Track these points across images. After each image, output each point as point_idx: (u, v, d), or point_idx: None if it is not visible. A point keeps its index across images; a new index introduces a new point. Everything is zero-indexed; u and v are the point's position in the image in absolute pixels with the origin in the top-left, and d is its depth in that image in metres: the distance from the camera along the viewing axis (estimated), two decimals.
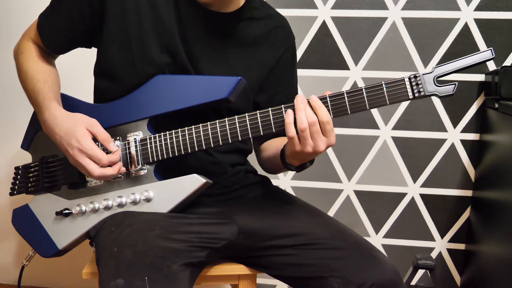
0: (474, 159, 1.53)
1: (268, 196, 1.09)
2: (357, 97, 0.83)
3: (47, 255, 1.01)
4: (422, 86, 0.80)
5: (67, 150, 0.89)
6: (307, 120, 0.81)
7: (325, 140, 0.82)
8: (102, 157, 0.87)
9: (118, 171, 0.89)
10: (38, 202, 1.02)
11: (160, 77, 0.95)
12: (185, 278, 0.80)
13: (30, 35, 1.03)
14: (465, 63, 0.79)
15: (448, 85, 0.80)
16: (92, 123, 0.89)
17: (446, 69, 0.80)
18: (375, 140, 1.56)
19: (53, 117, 0.90)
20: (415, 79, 0.81)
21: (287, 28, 1.10)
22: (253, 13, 1.03)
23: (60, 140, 0.89)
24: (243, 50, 1.02)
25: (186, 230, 0.87)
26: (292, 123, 0.82)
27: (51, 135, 0.91)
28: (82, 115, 0.91)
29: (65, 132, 0.88)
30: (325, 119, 0.81)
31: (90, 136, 0.88)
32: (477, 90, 1.50)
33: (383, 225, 1.62)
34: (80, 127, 0.88)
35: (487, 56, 0.79)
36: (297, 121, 0.81)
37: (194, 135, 0.91)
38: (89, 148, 0.86)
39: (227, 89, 0.90)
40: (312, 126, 0.81)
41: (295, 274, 0.92)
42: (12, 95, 1.64)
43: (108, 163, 0.87)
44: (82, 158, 0.87)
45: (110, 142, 0.90)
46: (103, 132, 0.90)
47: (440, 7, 1.47)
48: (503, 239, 1.30)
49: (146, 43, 0.94)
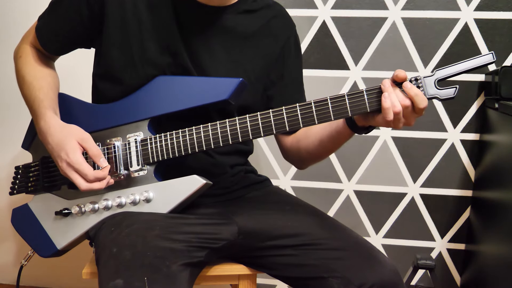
0: (474, 159, 1.53)
1: (268, 196, 1.08)
2: (358, 99, 0.83)
3: (46, 255, 1.01)
4: (423, 89, 0.81)
5: (56, 161, 0.90)
6: (401, 104, 0.80)
7: (416, 116, 0.83)
8: (88, 172, 0.86)
9: (106, 185, 0.89)
10: (38, 201, 1.02)
11: (161, 78, 0.95)
12: (185, 278, 0.80)
13: (29, 39, 1.03)
14: (466, 66, 0.80)
15: (449, 88, 0.80)
16: (84, 137, 0.89)
17: (447, 72, 0.80)
18: (375, 140, 1.56)
19: (47, 126, 0.90)
20: (416, 82, 0.81)
21: (287, 16, 1.09)
22: (251, 5, 1.02)
23: (51, 150, 0.90)
24: (244, 42, 1.01)
25: (185, 230, 0.87)
26: (390, 108, 0.80)
27: (45, 144, 0.92)
28: (76, 128, 0.91)
29: (56, 143, 0.88)
30: (422, 106, 0.80)
31: (80, 150, 0.88)
32: (477, 90, 1.50)
33: (383, 225, 1.62)
34: (71, 140, 0.88)
35: (488, 60, 0.79)
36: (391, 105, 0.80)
37: (195, 136, 0.91)
38: (77, 163, 0.86)
39: (228, 91, 0.90)
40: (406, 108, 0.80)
41: (295, 274, 0.92)
42: (12, 95, 1.64)
43: (94, 180, 0.87)
44: (69, 172, 0.87)
45: (100, 158, 0.89)
46: (94, 147, 0.89)
47: (440, 7, 1.47)
48: (503, 239, 1.30)
49: (146, 44, 0.94)
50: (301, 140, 1.05)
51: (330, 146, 1.00)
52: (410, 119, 0.82)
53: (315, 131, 1.01)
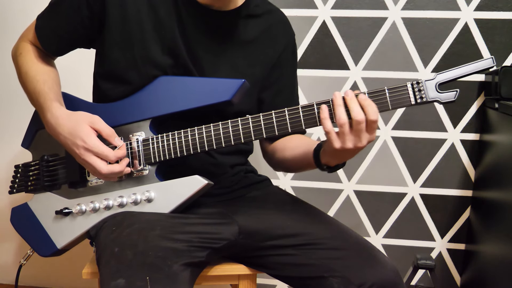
0: (474, 159, 1.53)
1: (268, 196, 1.09)
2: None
3: (45, 254, 1.01)
4: (424, 92, 0.81)
5: (73, 150, 0.88)
6: (355, 117, 0.78)
7: (368, 137, 0.81)
8: (109, 153, 0.87)
9: (124, 169, 0.89)
10: (38, 201, 1.02)
11: (163, 78, 0.95)
12: (186, 278, 0.80)
13: (28, 37, 1.03)
14: (466, 70, 0.81)
15: (449, 92, 0.81)
16: (94, 120, 0.89)
17: (448, 76, 0.81)
18: (375, 140, 1.56)
19: (55, 117, 0.90)
20: (417, 85, 0.81)
21: (287, 24, 1.10)
22: (253, 10, 1.03)
23: (65, 140, 0.89)
24: (244, 47, 1.02)
25: (186, 230, 0.87)
26: (327, 118, 0.81)
27: (55, 136, 0.91)
28: (83, 113, 0.90)
29: (68, 132, 0.88)
30: (374, 118, 0.79)
31: (94, 133, 0.88)
32: (477, 90, 1.50)
33: (383, 225, 1.62)
34: (83, 125, 0.88)
35: (488, 64, 0.80)
36: (336, 116, 0.80)
37: (197, 137, 0.91)
38: (95, 146, 0.86)
39: (230, 92, 0.90)
40: (360, 124, 0.79)
41: (295, 274, 0.92)
42: (12, 93, 1.64)
43: (115, 159, 0.88)
44: (88, 157, 0.87)
45: (115, 137, 0.90)
46: (107, 127, 0.89)
47: (440, 7, 1.47)
48: (503, 239, 1.30)
49: (147, 45, 0.94)
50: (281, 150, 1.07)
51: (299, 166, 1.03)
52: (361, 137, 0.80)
53: (299, 144, 1.02)
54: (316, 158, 0.92)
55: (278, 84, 1.08)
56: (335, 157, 0.87)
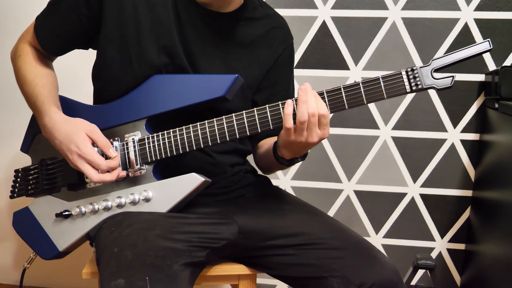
0: (474, 159, 1.53)
1: (268, 196, 1.09)
2: (355, 91, 0.83)
3: (48, 257, 1.01)
4: (420, 79, 0.80)
5: (66, 155, 0.89)
6: (308, 111, 0.80)
7: (319, 134, 0.82)
8: (101, 163, 0.87)
9: (116, 177, 0.89)
10: (38, 204, 1.02)
11: (157, 77, 0.94)
12: (186, 278, 0.80)
13: (27, 38, 1.03)
14: (463, 55, 0.79)
15: (445, 78, 0.79)
16: (92, 129, 0.90)
17: (444, 61, 0.80)
18: (375, 140, 1.56)
19: (53, 121, 0.90)
20: (412, 72, 0.80)
21: (286, 28, 1.10)
22: (252, 13, 1.03)
23: (60, 144, 0.89)
24: (241, 50, 1.02)
25: (186, 230, 0.87)
26: (291, 114, 0.82)
27: (51, 140, 0.91)
28: (82, 120, 0.91)
29: (64, 137, 0.88)
30: (323, 112, 0.81)
31: (89, 141, 0.88)
32: (477, 90, 1.50)
33: (383, 225, 1.62)
34: (79, 133, 0.88)
35: (484, 47, 0.78)
36: (298, 113, 0.81)
37: (192, 134, 0.90)
38: (88, 154, 0.87)
39: (224, 87, 0.89)
40: (312, 117, 0.81)
41: (295, 274, 0.92)
42: (10, 97, 1.64)
43: (107, 169, 0.88)
44: (81, 164, 0.87)
45: (110, 148, 0.90)
46: (103, 138, 0.90)
47: (440, 7, 1.47)
48: (503, 239, 1.30)
49: (143, 44, 0.94)
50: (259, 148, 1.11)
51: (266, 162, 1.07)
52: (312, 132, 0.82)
53: (269, 141, 1.06)
54: (274, 150, 0.95)
55: (273, 88, 1.09)
56: (288, 150, 0.89)
